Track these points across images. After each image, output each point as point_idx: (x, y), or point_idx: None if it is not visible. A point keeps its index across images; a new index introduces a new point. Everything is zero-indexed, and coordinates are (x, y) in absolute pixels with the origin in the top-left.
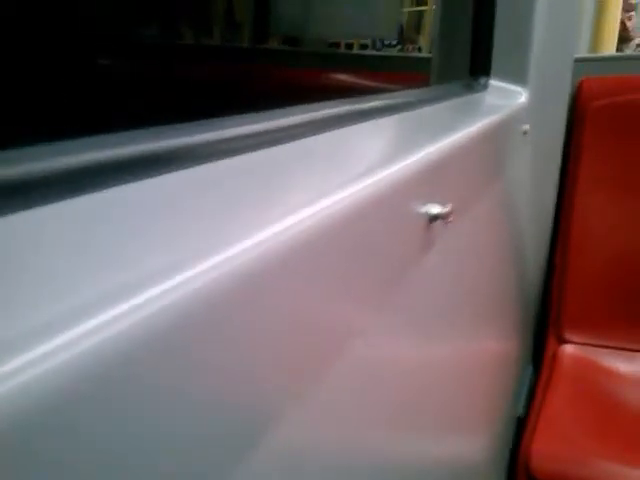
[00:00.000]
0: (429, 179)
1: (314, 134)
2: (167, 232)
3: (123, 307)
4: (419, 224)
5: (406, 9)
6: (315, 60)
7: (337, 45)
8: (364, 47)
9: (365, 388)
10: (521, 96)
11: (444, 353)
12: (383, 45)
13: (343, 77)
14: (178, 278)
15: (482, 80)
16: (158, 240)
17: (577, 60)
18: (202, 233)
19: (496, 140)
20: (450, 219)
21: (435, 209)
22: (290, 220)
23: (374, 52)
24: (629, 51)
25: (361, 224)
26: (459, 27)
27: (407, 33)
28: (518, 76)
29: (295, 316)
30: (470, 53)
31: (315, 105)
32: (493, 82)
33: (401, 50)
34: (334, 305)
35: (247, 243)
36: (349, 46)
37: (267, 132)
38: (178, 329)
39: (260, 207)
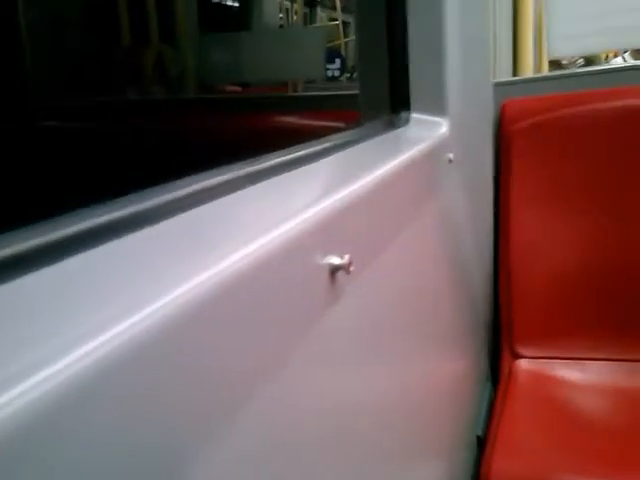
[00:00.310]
0: (331, 229)
1: (228, 194)
2: (97, 295)
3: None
4: (321, 276)
5: (349, 38)
6: (251, 104)
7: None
8: (309, 82)
9: (291, 430)
10: (442, 126)
11: (388, 385)
12: (328, 78)
13: (278, 119)
14: (106, 334)
15: (403, 115)
16: (93, 302)
17: (498, 84)
18: (121, 296)
19: (419, 172)
20: (350, 269)
21: (335, 260)
22: (193, 281)
23: (307, 93)
24: (565, 64)
25: (261, 280)
26: (377, 63)
27: (353, 62)
28: (437, 107)
29: (205, 366)
30: (389, 89)
31: (233, 165)
32: (414, 115)
33: (349, 78)
34: (240, 361)
35: (155, 305)
36: (295, 84)
37: (181, 198)
38: (106, 379)
39: (164, 271)
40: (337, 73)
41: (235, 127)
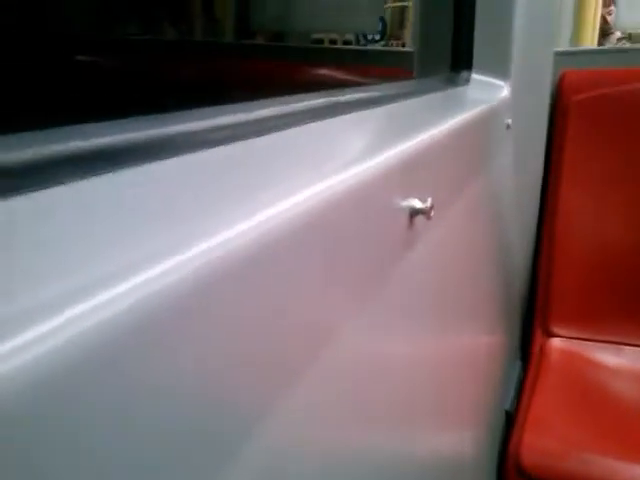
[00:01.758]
0: (410, 173)
1: (293, 126)
2: (145, 222)
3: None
4: (400, 219)
5: (388, 5)
6: (298, 54)
7: (321, 42)
8: (347, 43)
9: (349, 386)
10: (503, 90)
11: (430, 349)
12: (367, 41)
13: (327, 71)
14: (156, 269)
15: (464, 74)
16: (140, 229)
17: (558, 54)
18: (180, 225)
19: (479, 134)
20: (431, 214)
21: (416, 204)
22: (266, 214)
23: (358, 47)
24: (610, 45)
25: (340, 218)
26: (440, 21)
27: (391, 29)
28: (500, 70)
29: (273, 313)
30: (451, 47)
31: (295, 97)
32: (475, 76)
33: (385, 45)
34: (314, 301)
35: (222, 237)
36: (333, 42)
37: (244, 124)
38: (155, 323)
39: (235, 201)
40: (377, 37)
41: (272, 72)
